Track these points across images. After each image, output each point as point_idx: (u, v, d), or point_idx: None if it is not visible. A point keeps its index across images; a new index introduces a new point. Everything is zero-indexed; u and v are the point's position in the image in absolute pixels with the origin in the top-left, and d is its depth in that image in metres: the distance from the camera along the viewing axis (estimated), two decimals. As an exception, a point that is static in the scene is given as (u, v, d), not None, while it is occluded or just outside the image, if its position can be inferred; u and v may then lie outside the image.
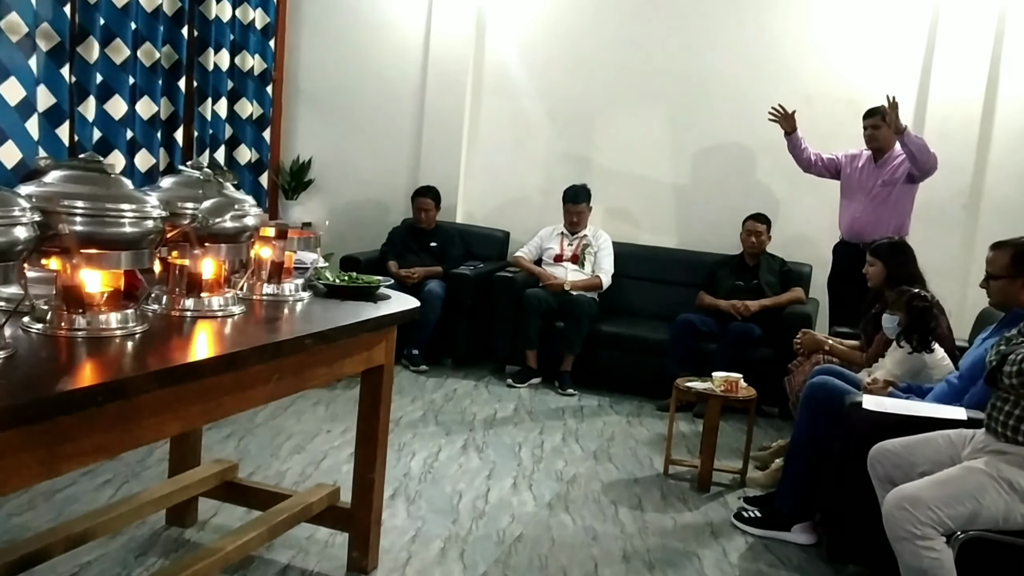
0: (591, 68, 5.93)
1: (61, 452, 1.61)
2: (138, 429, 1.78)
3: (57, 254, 1.90)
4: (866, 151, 4.92)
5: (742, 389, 3.86)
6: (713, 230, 5.78)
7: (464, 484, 3.61)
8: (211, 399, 1.96)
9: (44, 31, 4.55)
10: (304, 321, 2.40)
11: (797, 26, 5.56)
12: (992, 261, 3.06)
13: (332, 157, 6.42)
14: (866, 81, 5.40)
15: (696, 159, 5.86)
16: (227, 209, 2.15)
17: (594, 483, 3.76)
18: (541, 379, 5.35)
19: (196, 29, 5.56)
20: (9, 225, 1.67)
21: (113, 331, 1.95)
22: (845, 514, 3.05)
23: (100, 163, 2.03)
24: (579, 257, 5.62)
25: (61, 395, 1.54)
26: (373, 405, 2.69)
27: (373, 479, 2.72)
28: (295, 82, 6.48)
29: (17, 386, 1.58)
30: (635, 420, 4.79)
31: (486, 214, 6.23)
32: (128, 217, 1.96)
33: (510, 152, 6.17)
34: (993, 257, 3.06)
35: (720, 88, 5.72)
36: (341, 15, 6.34)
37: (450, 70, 6.09)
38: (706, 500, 3.68)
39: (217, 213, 2.12)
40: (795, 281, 5.30)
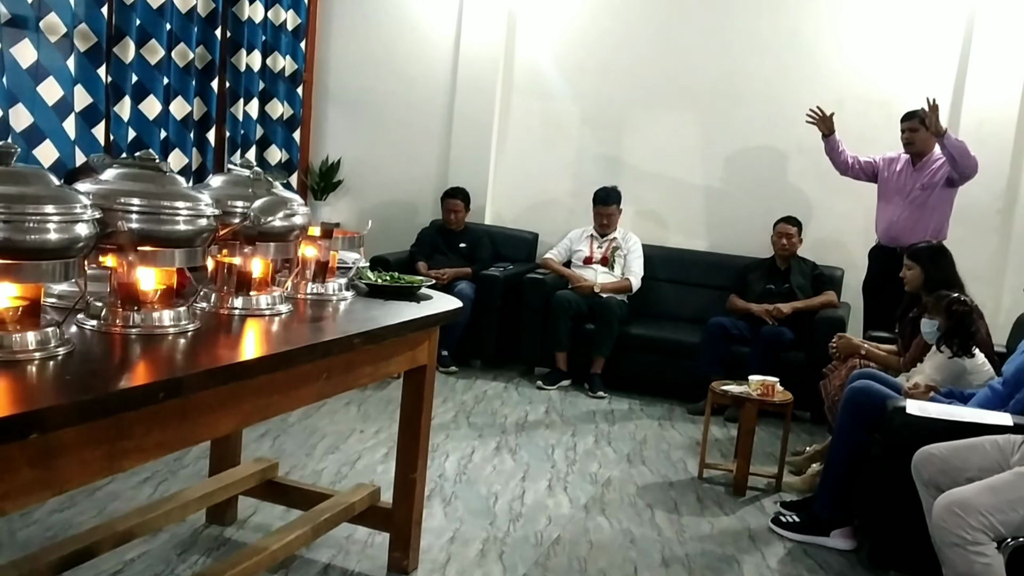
0: (622, 70, 5.91)
1: (122, 448, 1.61)
2: (194, 426, 1.79)
3: (113, 251, 1.91)
4: (904, 155, 4.88)
5: (778, 393, 3.83)
6: (743, 233, 5.74)
7: (499, 486, 3.60)
8: (263, 397, 1.97)
9: (82, 31, 4.59)
10: (351, 320, 2.40)
11: (831, 28, 5.52)
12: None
13: (361, 158, 6.44)
14: (900, 84, 5.36)
15: (727, 161, 5.84)
16: (279, 208, 2.15)
17: (629, 486, 3.74)
18: (571, 381, 5.34)
19: (229, 30, 5.59)
20: (70, 222, 1.68)
21: (166, 328, 1.96)
22: (886, 519, 3.03)
23: (155, 161, 2.05)
24: (609, 259, 5.60)
25: (125, 392, 1.55)
26: (415, 405, 2.69)
27: (415, 480, 2.72)
28: (325, 83, 6.50)
29: (81, 382, 1.59)
30: (667, 423, 4.77)
31: (515, 215, 6.23)
32: (183, 215, 1.97)
33: (539, 153, 6.16)
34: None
35: (752, 90, 5.69)
36: (371, 17, 6.35)
37: (480, 71, 6.09)
38: (742, 504, 3.65)
39: (269, 212, 2.12)
40: (827, 284, 5.26)
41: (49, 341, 1.69)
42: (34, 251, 1.64)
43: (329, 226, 2.57)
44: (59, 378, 1.59)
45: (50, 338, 1.70)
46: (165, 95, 5.11)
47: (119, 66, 4.83)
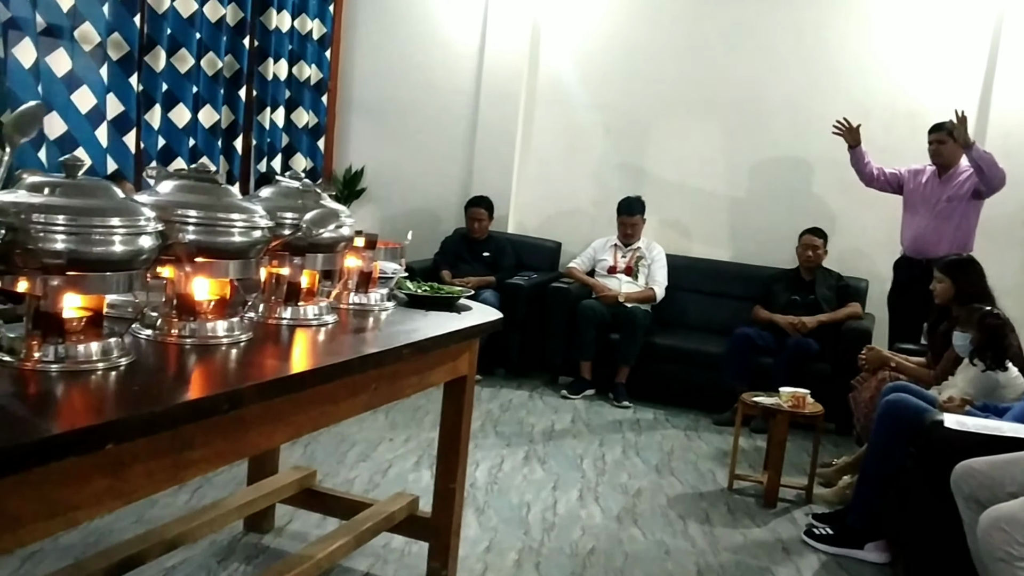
0: (646, 80, 5.93)
1: (186, 459, 1.62)
2: (253, 437, 1.80)
3: (170, 262, 1.93)
4: (930, 166, 4.88)
5: (809, 405, 3.83)
6: (767, 243, 5.75)
7: (531, 495, 3.61)
8: (317, 408, 1.98)
9: (114, 41, 4.63)
10: (397, 331, 2.41)
11: (856, 39, 5.53)
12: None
13: (384, 166, 6.46)
14: (926, 95, 5.37)
15: (751, 171, 5.84)
16: (331, 220, 2.17)
17: (660, 497, 3.74)
18: (595, 391, 5.34)
19: (257, 39, 5.63)
20: (135, 234, 1.70)
21: (220, 339, 1.98)
22: (922, 533, 3.02)
23: (210, 173, 2.06)
24: (633, 269, 5.61)
25: (193, 403, 1.56)
26: (456, 416, 2.70)
27: (454, 489, 2.73)
28: (349, 91, 6.53)
29: (150, 394, 1.61)
30: (693, 434, 4.77)
31: (537, 224, 6.24)
32: (238, 227, 1.99)
33: (563, 162, 6.18)
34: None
35: (776, 100, 5.71)
36: (395, 26, 6.39)
37: (504, 81, 6.12)
38: (773, 516, 3.65)
39: (321, 223, 2.14)
40: (852, 296, 5.26)
41: (112, 351, 1.71)
42: (100, 263, 1.66)
43: (372, 237, 2.59)
44: (127, 389, 1.61)
45: (112, 348, 1.72)
46: (194, 103, 5.15)
47: (150, 75, 4.87)
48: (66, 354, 1.65)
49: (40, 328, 1.66)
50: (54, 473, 1.34)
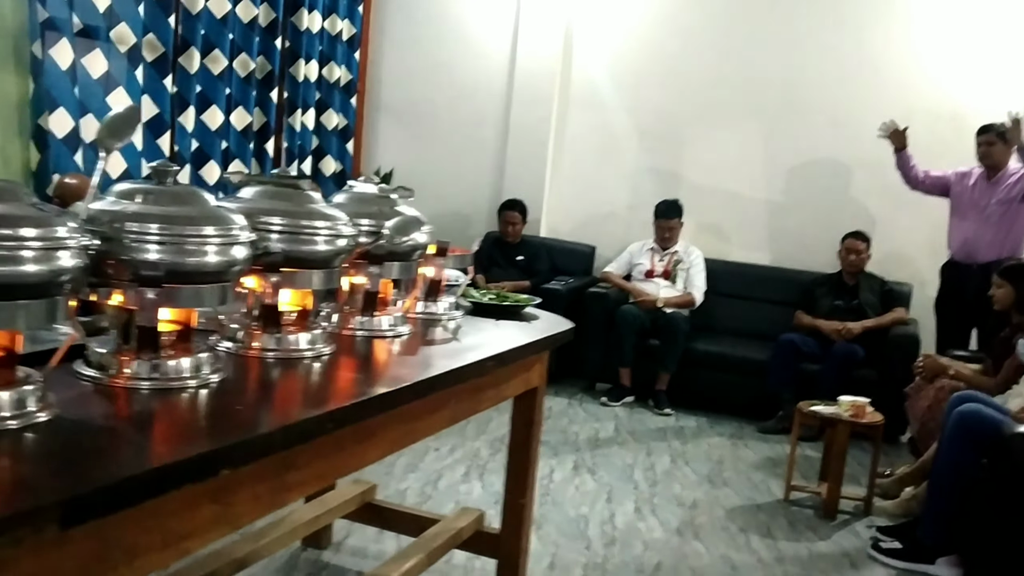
0: (681, 82, 5.84)
1: (287, 482, 1.54)
2: (348, 456, 1.72)
3: (255, 272, 1.84)
4: (977, 168, 4.79)
5: (868, 414, 3.73)
6: (807, 247, 5.65)
7: (586, 508, 3.52)
8: (407, 424, 1.89)
9: (149, 42, 4.55)
10: (475, 343, 2.32)
11: (899, 38, 5.43)
12: None
13: (414, 169, 6.35)
14: (971, 96, 5.27)
15: (790, 174, 5.75)
16: (414, 227, 2.08)
17: (717, 509, 3.65)
18: (634, 397, 5.25)
19: (288, 40, 5.54)
20: (228, 244, 1.61)
21: (303, 352, 1.89)
22: (997, 547, 2.93)
23: (293, 179, 1.98)
24: (671, 273, 5.52)
25: (300, 424, 1.47)
26: (527, 429, 2.61)
27: (524, 505, 2.64)
28: (377, 93, 6.45)
29: (253, 414, 1.52)
30: (739, 442, 4.68)
31: (571, 228, 6.15)
32: (323, 235, 1.90)
33: (596, 165, 6.09)
34: None
35: (816, 102, 5.61)
36: (425, 27, 6.30)
37: (537, 83, 6.02)
38: (835, 528, 3.56)
39: (404, 231, 2.05)
40: (896, 301, 5.16)
41: (202, 367, 1.62)
42: (194, 275, 1.57)
43: (444, 244, 2.50)
44: (228, 409, 1.52)
45: (203, 364, 1.63)
46: (227, 105, 5.07)
47: (184, 76, 4.79)
48: (158, 370, 1.56)
49: (132, 343, 1.57)
50: (166, 502, 1.25)
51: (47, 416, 1.33)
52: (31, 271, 1.27)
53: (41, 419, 1.32)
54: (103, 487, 1.12)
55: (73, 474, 1.15)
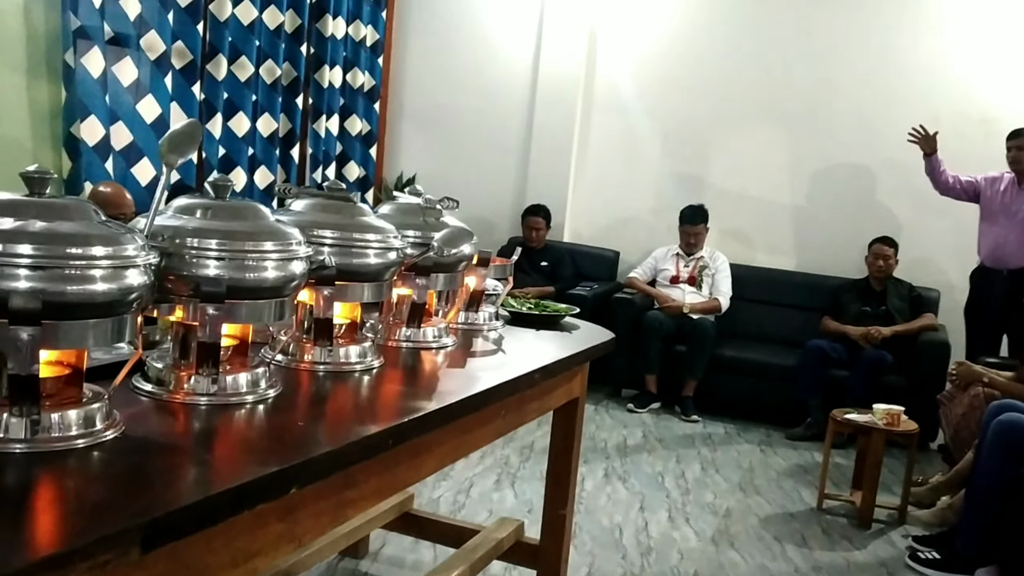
0: (705, 86, 5.82)
1: (347, 498, 1.53)
2: (405, 471, 1.71)
3: (308, 285, 1.84)
4: (1008, 174, 4.76)
5: (903, 422, 3.71)
6: (833, 252, 5.63)
7: (620, 516, 3.50)
8: (459, 437, 1.88)
9: (178, 49, 4.57)
10: (521, 354, 2.31)
11: (927, 41, 5.40)
12: None
13: (436, 174, 6.35)
14: (1000, 100, 5.24)
15: (815, 179, 5.72)
16: (464, 239, 2.07)
17: (750, 517, 3.63)
18: (660, 404, 5.23)
19: (313, 46, 5.55)
20: (287, 259, 1.61)
21: (353, 365, 1.89)
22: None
23: (344, 190, 1.97)
24: (696, 279, 5.50)
25: (364, 440, 1.46)
26: (568, 439, 2.61)
27: (564, 516, 2.63)
28: (400, 99, 6.45)
29: (316, 430, 1.52)
30: (768, 449, 4.65)
31: (594, 233, 6.13)
32: (374, 248, 1.90)
33: (620, 170, 6.07)
34: None
35: (841, 106, 5.58)
36: (448, 32, 6.30)
37: (560, 88, 6.02)
38: (870, 538, 3.53)
39: (453, 243, 2.04)
40: (925, 307, 5.13)
41: (259, 382, 1.62)
42: (254, 290, 1.57)
43: (486, 254, 2.49)
44: (291, 425, 1.52)
45: (260, 379, 1.62)
46: (253, 112, 5.08)
47: (212, 83, 4.81)
48: (217, 386, 1.56)
49: (192, 358, 1.57)
50: (237, 521, 1.24)
51: (114, 434, 1.33)
52: (101, 290, 1.27)
53: (108, 437, 1.32)
54: (184, 508, 1.12)
55: (152, 495, 1.14)
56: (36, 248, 1.22)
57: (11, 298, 1.19)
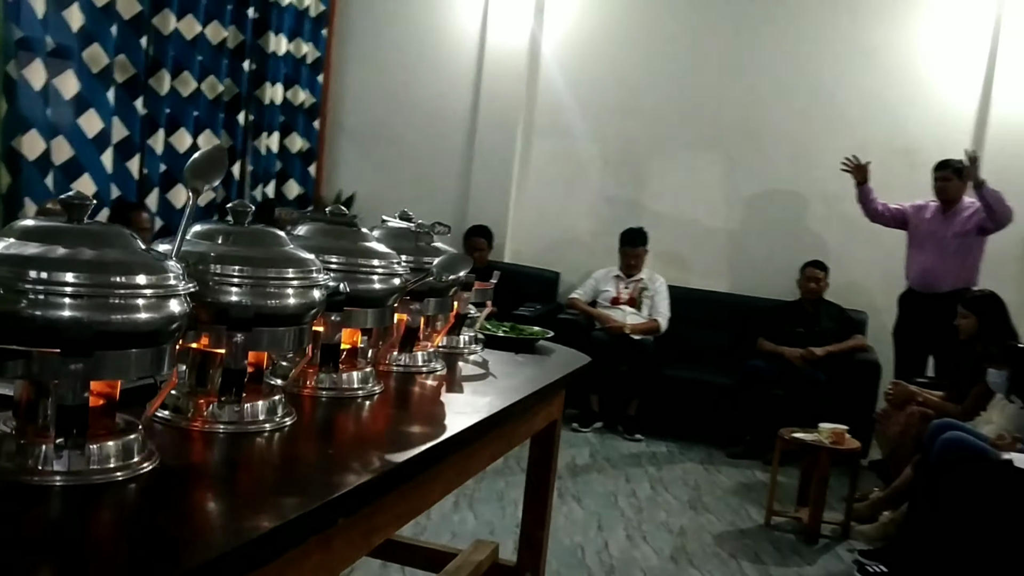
0: (644, 112, 5.96)
1: (376, 524, 1.52)
2: (420, 496, 1.71)
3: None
4: (933, 202, 5.00)
5: (848, 440, 3.85)
6: (765, 275, 5.81)
7: (579, 536, 3.55)
8: (463, 462, 1.89)
9: (121, 63, 4.47)
10: (512, 378, 2.34)
11: (854, 75, 5.64)
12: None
13: (376, 193, 6.33)
14: (923, 133, 5.51)
15: (749, 204, 5.91)
16: (461, 265, 2.09)
17: (704, 535, 3.72)
18: (603, 423, 5.31)
19: (255, 62, 5.49)
20: (308, 287, 1.61)
21: (356, 391, 1.89)
22: (985, 570, 3.05)
23: (346, 215, 1.97)
24: (636, 300, 5.60)
25: (398, 467, 1.47)
26: (546, 461, 2.64)
27: (542, 536, 2.65)
28: (339, 116, 6.42)
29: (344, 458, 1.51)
30: (711, 468, 4.76)
31: (534, 254, 6.20)
32: (379, 274, 1.90)
33: (560, 193, 6.16)
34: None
35: (774, 135, 5.79)
36: (389, 51, 6.30)
37: (502, 110, 6.08)
38: (818, 553, 3.66)
39: (451, 269, 2.06)
40: (854, 328, 5.34)
41: (276, 410, 1.61)
42: (276, 318, 1.56)
43: (469, 279, 2.51)
44: (320, 453, 1.51)
45: (277, 407, 1.61)
46: (195, 128, 4.99)
47: (154, 98, 4.71)
48: (238, 414, 1.54)
49: (210, 385, 1.55)
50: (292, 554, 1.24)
51: (151, 466, 1.31)
52: (144, 319, 1.25)
53: (146, 469, 1.30)
54: (250, 543, 1.11)
55: (219, 530, 1.13)
56: (83, 277, 1.19)
57: (65, 329, 1.17)
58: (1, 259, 1.20)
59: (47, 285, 1.18)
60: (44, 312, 1.17)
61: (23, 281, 1.17)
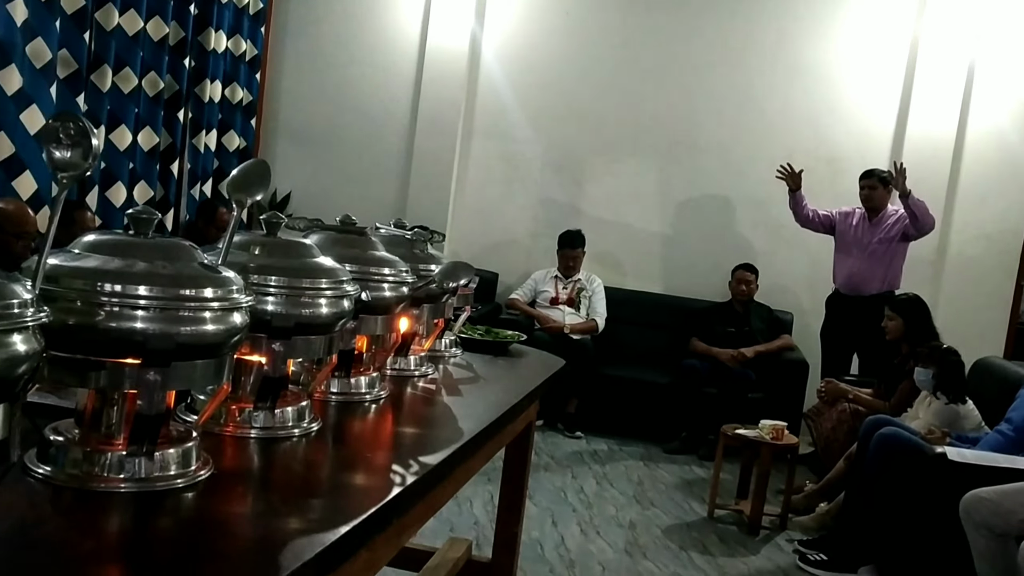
0: (583, 117, 6.10)
1: (405, 524, 1.59)
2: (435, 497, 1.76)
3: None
4: (859, 209, 5.27)
5: (787, 436, 4.06)
6: (697, 277, 6.03)
7: (536, 532, 3.66)
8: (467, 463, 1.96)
9: (63, 57, 4.36)
10: (498, 381, 2.42)
11: (782, 87, 5.90)
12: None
13: (313, 193, 6.32)
14: (844, 143, 5.81)
15: (682, 208, 6.11)
16: (463, 273, 2.16)
17: (653, 528, 3.87)
18: (543, 421, 5.43)
19: (195, 59, 5.42)
20: (339, 296, 1.66)
21: (363, 395, 1.95)
22: (915, 556, 3.28)
23: (355, 223, 2.03)
24: (574, 300, 5.74)
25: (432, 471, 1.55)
26: (521, 460, 2.73)
27: (516, 533, 2.75)
28: (276, 115, 6.38)
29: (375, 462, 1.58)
30: (651, 463, 4.93)
31: (473, 255, 6.25)
32: (389, 282, 1.97)
33: (499, 194, 6.26)
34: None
35: (707, 142, 6.01)
36: (327, 50, 6.29)
37: (441, 111, 6.14)
38: (760, 543, 3.85)
39: (453, 277, 2.13)
40: (782, 328, 5.59)
41: (304, 416, 1.66)
42: (310, 326, 1.62)
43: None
44: (360, 456, 1.58)
45: (305, 413, 1.67)
46: (135, 125, 4.91)
47: (95, 94, 4.62)
48: (271, 420, 1.60)
49: (241, 391, 1.60)
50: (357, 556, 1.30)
51: (207, 472, 1.35)
52: (212, 330, 1.30)
53: (203, 476, 1.34)
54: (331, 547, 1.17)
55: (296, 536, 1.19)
56: (158, 290, 1.24)
57: (145, 340, 1.21)
58: (76, 272, 1.24)
59: (124, 298, 1.22)
60: (121, 324, 1.21)
61: (100, 294, 1.21)
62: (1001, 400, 3.72)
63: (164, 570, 1.07)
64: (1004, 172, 5.69)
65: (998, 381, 4.09)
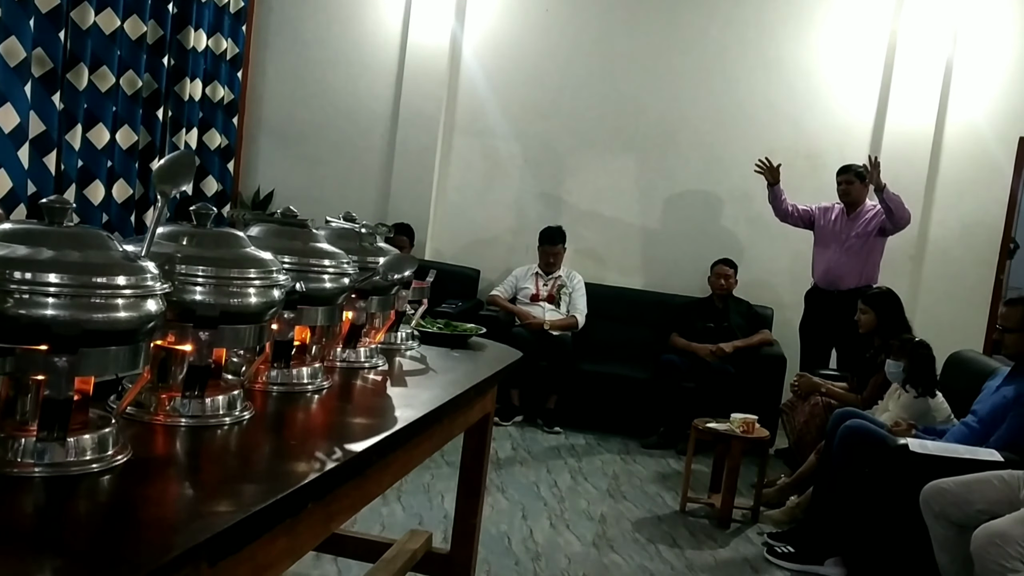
0: (564, 113, 6.12)
1: (333, 511, 1.61)
2: (372, 484, 1.80)
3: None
4: (838, 204, 5.28)
5: (757, 430, 4.07)
6: (678, 272, 6.04)
7: (505, 525, 3.67)
8: (409, 452, 1.99)
9: (38, 56, 4.39)
10: (452, 372, 2.44)
11: (762, 83, 5.91)
12: (1006, 316, 3.41)
13: (295, 190, 6.33)
14: (823, 139, 5.82)
15: (663, 204, 6.13)
16: (407, 265, 2.19)
17: (623, 522, 3.89)
18: (523, 416, 5.45)
19: (174, 58, 5.44)
20: (268, 287, 1.68)
21: (305, 386, 1.97)
22: (880, 547, 3.30)
23: (297, 216, 2.05)
24: (555, 297, 5.76)
25: (358, 456, 1.57)
26: (479, 452, 2.75)
27: (475, 525, 2.77)
28: (258, 113, 6.40)
29: (306, 449, 1.60)
30: (627, 458, 4.95)
31: (455, 252, 6.30)
32: (329, 273, 1.99)
33: (481, 191, 6.27)
34: (1007, 312, 3.41)
35: (688, 138, 6.02)
36: (309, 48, 6.31)
37: (423, 107, 6.16)
38: (730, 536, 3.86)
39: (397, 269, 2.15)
40: (761, 323, 5.60)
41: (235, 405, 1.68)
42: (236, 316, 1.63)
43: (407, 277, 2.60)
44: (285, 444, 1.60)
45: (236, 402, 1.69)
46: (113, 123, 4.93)
47: (72, 93, 4.64)
48: (200, 408, 1.61)
49: (171, 380, 1.62)
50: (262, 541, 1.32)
51: (124, 458, 1.37)
52: (124, 317, 1.32)
53: (120, 461, 1.36)
54: (230, 528, 1.18)
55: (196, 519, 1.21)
56: (68, 277, 1.26)
57: (52, 326, 1.23)
58: (-14, 261, 1.26)
59: (33, 285, 1.24)
60: (31, 311, 1.24)
61: (9, 281, 1.23)
62: (973, 393, 3.74)
63: (75, 551, 1.09)
64: (982, 167, 5.70)
65: (971, 374, 4.09)
